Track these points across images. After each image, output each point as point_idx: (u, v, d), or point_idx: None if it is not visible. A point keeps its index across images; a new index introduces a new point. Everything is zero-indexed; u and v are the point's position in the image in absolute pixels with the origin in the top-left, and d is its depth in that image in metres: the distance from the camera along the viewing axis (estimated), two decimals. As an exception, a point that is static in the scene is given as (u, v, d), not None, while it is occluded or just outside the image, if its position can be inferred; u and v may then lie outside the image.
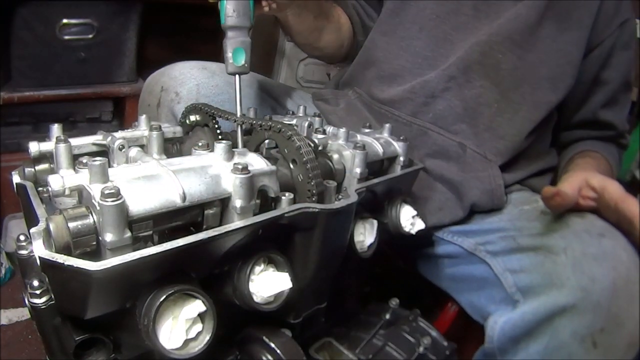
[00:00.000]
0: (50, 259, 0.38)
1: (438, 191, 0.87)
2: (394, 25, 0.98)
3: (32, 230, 0.42)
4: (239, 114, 0.70)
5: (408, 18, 0.96)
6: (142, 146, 0.64)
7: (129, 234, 0.41)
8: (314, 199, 0.56)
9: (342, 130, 0.68)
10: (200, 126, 0.74)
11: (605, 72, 0.98)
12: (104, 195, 0.40)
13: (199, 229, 0.47)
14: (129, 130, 0.67)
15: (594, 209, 0.74)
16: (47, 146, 0.60)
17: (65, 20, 1.55)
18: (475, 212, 0.88)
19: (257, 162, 0.53)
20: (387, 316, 0.80)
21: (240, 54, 0.69)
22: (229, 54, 0.69)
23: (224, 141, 0.53)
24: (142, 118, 0.68)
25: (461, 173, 0.86)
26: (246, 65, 0.70)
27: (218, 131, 0.71)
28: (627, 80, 1.01)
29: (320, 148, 0.66)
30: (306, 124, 0.68)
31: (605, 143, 1.04)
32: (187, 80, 0.91)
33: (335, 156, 0.66)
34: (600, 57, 0.96)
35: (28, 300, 0.46)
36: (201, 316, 0.46)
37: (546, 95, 0.90)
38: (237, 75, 0.70)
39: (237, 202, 0.49)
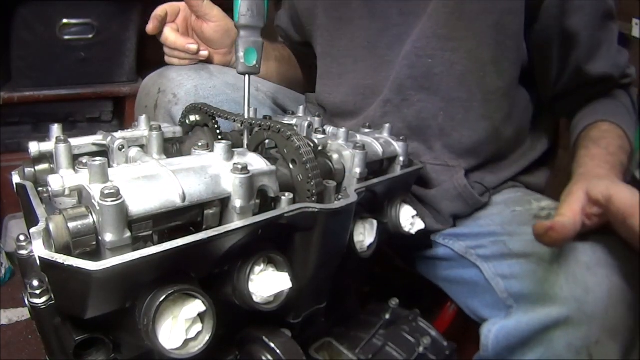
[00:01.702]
0: (50, 259, 0.38)
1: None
2: (328, 65, 0.96)
3: (32, 230, 0.42)
4: (246, 114, 0.69)
5: (341, 53, 0.93)
6: (142, 146, 0.64)
7: (128, 234, 0.41)
8: (313, 199, 0.56)
9: (342, 130, 0.68)
10: (200, 126, 0.74)
11: (569, 20, 0.80)
12: (103, 195, 0.40)
13: (198, 229, 0.47)
14: (129, 130, 0.67)
15: (603, 226, 0.63)
16: (47, 146, 0.59)
17: (65, 20, 1.55)
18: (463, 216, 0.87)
19: (256, 162, 0.53)
20: (387, 316, 0.80)
21: (252, 54, 0.69)
22: (241, 54, 0.69)
23: (223, 141, 0.53)
24: (142, 118, 0.68)
25: (429, 191, 0.85)
26: (257, 65, 0.70)
27: (218, 131, 0.71)
28: (603, 12, 0.81)
29: (320, 148, 0.66)
30: (306, 124, 0.69)
31: (609, 99, 0.90)
32: (185, 82, 0.90)
33: (335, 156, 0.66)
34: (555, 5, 0.79)
35: (28, 300, 0.46)
36: (201, 316, 0.46)
37: (494, 81, 0.81)
38: (246, 75, 0.70)
39: (237, 202, 0.49)
